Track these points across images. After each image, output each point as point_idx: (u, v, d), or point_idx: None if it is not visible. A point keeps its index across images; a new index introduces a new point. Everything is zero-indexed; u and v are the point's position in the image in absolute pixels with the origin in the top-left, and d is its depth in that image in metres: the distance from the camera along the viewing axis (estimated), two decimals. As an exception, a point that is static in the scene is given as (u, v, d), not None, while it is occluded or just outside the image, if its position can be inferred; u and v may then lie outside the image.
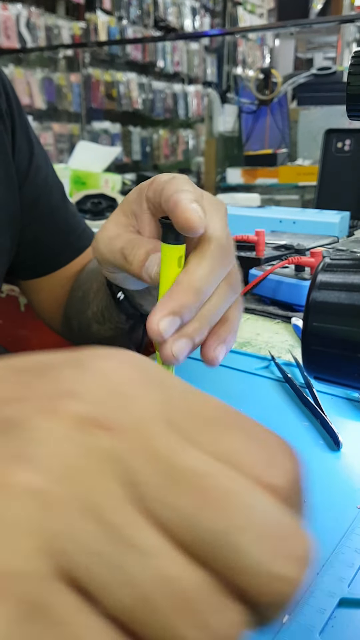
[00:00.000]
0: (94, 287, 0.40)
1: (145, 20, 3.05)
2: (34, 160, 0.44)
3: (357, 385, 0.20)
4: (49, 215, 0.45)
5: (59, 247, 0.46)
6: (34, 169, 0.43)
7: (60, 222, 0.45)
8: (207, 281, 0.23)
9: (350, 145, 0.81)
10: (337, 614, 0.19)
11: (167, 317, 0.22)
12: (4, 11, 2.23)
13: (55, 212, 0.45)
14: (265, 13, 4.24)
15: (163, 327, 0.22)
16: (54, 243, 0.45)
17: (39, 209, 0.44)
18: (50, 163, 0.46)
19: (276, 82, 1.63)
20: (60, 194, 0.46)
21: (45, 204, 0.44)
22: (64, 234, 0.46)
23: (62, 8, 2.60)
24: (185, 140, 3.35)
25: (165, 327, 0.22)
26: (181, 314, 0.22)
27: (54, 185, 0.46)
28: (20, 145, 0.42)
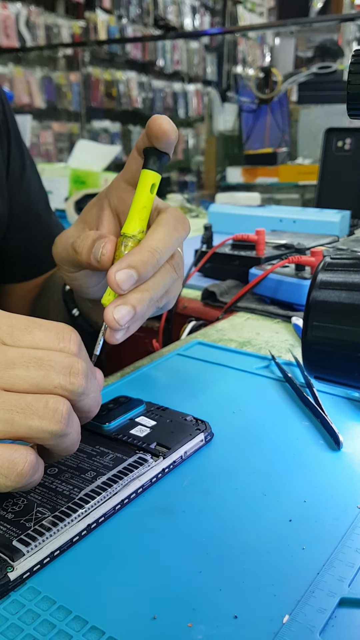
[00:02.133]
0: (54, 298, 0.42)
1: (145, 19, 3.05)
2: (26, 170, 0.45)
3: (357, 384, 0.20)
4: (36, 224, 0.46)
5: (43, 255, 0.46)
6: (26, 179, 0.45)
7: (46, 231, 0.46)
8: (163, 244, 0.26)
9: (350, 144, 0.80)
10: (337, 614, 0.19)
11: (125, 269, 0.25)
12: (3, 10, 2.23)
13: (42, 220, 0.46)
14: (265, 12, 4.23)
15: (120, 278, 0.24)
16: (39, 251, 0.46)
17: (28, 217, 0.45)
18: (37, 172, 0.48)
19: (276, 80, 1.63)
20: (46, 204, 0.48)
21: (34, 212, 0.45)
22: (49, 242, 0.47)
23: (62, 7, 2.60)
24: (185, 139, 3.34)
25: (122, 279, 0.24)
26: (137, 269, 0.25)
27: (40, 194, 0.47)
28: (15, 154, 0.44)
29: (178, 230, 0.27)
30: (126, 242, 0.26)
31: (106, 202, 0.30)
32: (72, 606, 0.19)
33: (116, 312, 0.25)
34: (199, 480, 0.26)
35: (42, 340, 0.21)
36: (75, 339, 0.22)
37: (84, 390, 0.21)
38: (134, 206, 0.27)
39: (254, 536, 0.22)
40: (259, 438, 0.29)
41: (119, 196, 0.30)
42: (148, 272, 0.25)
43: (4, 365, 0.20)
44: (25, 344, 0.21)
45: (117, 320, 0.25)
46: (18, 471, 0.19)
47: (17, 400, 0.20)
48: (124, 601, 0.19)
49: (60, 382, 0.20)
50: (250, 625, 0.18)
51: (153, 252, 0.25)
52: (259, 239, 0.57)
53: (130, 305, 0.25)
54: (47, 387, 0.20)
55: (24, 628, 0.18)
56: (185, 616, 0.19)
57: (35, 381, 0.20)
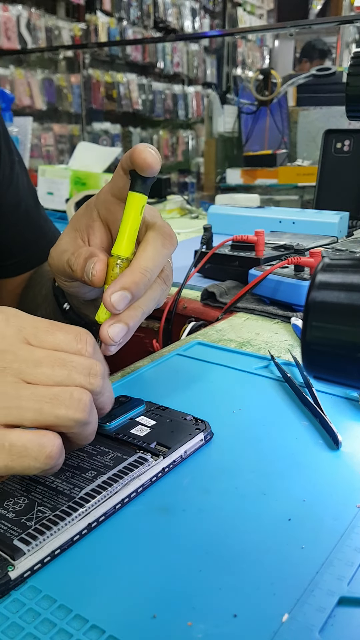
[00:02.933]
0: (42, 292, 0.43)
1: (145, 21, 3.06)
2: (15, 167, 0.45)
3: (357, 384, 0.20)
4: (26, 219, 0.46)
5: (32, 250, 0.47)
6: (15, 176, 0.45)
7: (35, 227, 0.47)
8: (152, 263, 0.28)
9: (349, 146, 0.81)
10: (336, 613, 0.19)
11: (119, 291, 0.27)
12: (4, 12, 2.23)
13: (31, 217, 0.47)
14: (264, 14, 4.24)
15: (115, 300, 0.27)
16: (29, 246, 0.47)
17: (19, 213, 0.46)
18: (26, 169, 0.48)
19: (276, 82, 1.63)
20: (34, 200, 0.48)
21: (24, 208, 0.46)
22: (38, 237, 0.48)
23: (63, 9, 2.61)
24: (185, 141, 3.35)
25: (116, 299, 0.27)
26: (130, 289, 0.27)
27: (29, 190, 0.48)
28: (4, 153, 0.44)
29: (166, 247, 0.28)
30: (119, 263, 0.28)
31: (95, 212, 0.32)
32: (72, 605, 0.19)
33: (111, 330, 0.27)
34: (198, 479, 0.26)
35: (62, 342, 0.23)
36: (91, 342, 0.24)
37: (101, 389, 0.23)
38: (124, 228, 0.28)
39: (254, 535, 0.22)
40: (258, 438, 0.30)
41: (107, 208, 0.31)
42: (140, 291, 0.27)
43: (32, 364, 0.22)
44: (48, 345, 0.23)
45: (112, 337, 0.27)
46: (47, 453, 0.21)
47: (45, 391, 0.22)
48: (124, 600, 0.20)
49: (82, 381, 0.22)
50: (249, 624, 0.19)
51: (144, 272, 0.27)
52: (258, 240, 0.57)
53: (124, 323, 0.27)
54: (69, 385, 0.22)
55: (24, 627, 0.18)
56: (185, 615, 0.19)
57: (59, 379, 0.22)
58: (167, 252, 0.28)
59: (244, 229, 0.63)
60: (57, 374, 0.22)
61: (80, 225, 0.32)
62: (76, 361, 0.23)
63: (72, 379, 0.22)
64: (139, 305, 0.28)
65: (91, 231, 0.31)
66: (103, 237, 0.31)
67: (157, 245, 0.28)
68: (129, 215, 0.28)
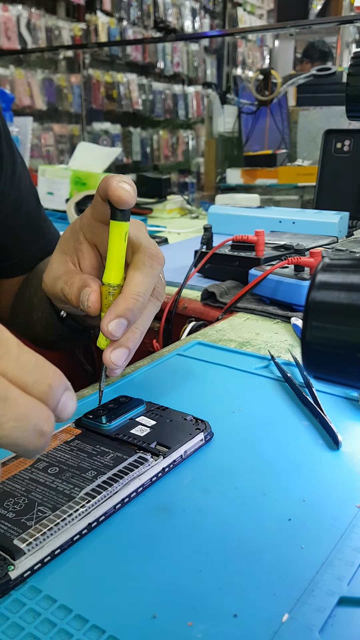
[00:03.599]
0: (38, 294, 0.43)
1: (145, 22, 3.06)
2: (17, 168, 0.45)
3: (357, 384, 0.20)
4: (27, 219, 0.46)
5: (32, 250, 0.47)
6: (17, 176, 0.45)
7: (35, 226, 0.47)
8: (143, 287, 0.29)
9: (349, 146, 0.81)
10: (336, 613, 0.19)
11: (114, 320, 0.28)
12: (4, 12, 2.23)
13: (31, 216, 0.47)
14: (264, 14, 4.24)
15: (112, 329, 0.28)
16: (29, 246, 0.47)
17: (20, 213, 0.46)
18: (27, 169, 0.48)
19: (276, 82, 1.63)
20: (36, 200, 0.49)
21: (25, 209, 0.46)
22: (38, 237, 0.48)
23: (63, 9, 2.61)
24: (185, 141, 3.35)
25: (114, 328, 0.28)
26: (126, 316, 0.28)
27: (31, 190, 0.48)
28: (5, 153, 0.44)
29: (154, 267, 0.29)
30: (111, 291, 0.30)
31: (81, 235, 0.33)
32: (72, 605, 0.19)
33: (113, 355, 0.28)
34: (198, 479, 0.26)
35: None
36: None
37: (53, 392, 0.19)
38: (111, 257, 0.29)
39: (254, 535, 0.22)
40: (258, 438, 0.30)
41: (92, 231, 0.33)
42: (135, 316, 0.29)
43: None
44: None
45: (115, 362, 0.28)
46: None
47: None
48: (125, 600, 0.20)
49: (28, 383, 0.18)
50: (249, 624, 0.19)
51: (137, 297, 0.28)
52: (258, 239, 0.57)
53: (124, 347, 0.29)
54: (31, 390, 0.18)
55: (24, 627, 0.18)
56: (185, 615, 0.19)
57: None
58: (155, 273, 0.29)
59: (244, 229, 0.63)
60: None
61: (68, 249, 0.33)
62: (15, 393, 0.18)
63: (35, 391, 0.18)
64: (136, 327, 0.29)
65: (80, 254, 0.33)
66: (92, 259, 0.33)
67: (146, 268, 0.29)
68: (113, 243, 0.29)
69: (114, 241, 0.29)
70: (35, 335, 0.45)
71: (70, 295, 0.31)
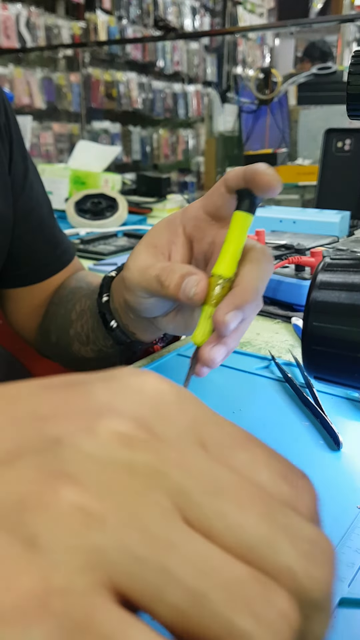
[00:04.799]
0: (76, 309, 0.41)
1: (145, 20, 3.05)
2: (29, 175, 0.45)
3: (357, 385, 0.20)
4: (39, 228, 0.46)
5: (46, 259, 0.46)
6: (29, 183, 0.45)
7: (49, 235, 0.47)
8: (261, 281, 0.27)
9: (350, 145, 0.80)
10: (337, 614, 0.19)
11: (232, 311, 0.25)
12: (3, 11, 2.23)
13: (45, 225, 0.46)
14: (265, 12, 4.23)
15: (229, 319, 0.25)
16: (42, 255, 0.46)
17: (31, 221, 0.45)
18: (40, 178, 0.48)
19: (276, 81, 1.63)
20: (49, 208, 0.48)
21: (37, 217, 0.46)
22: (52, 246, 0.47)
23: (62, 8, 2.60)
24: (185, 140, 3.35)
25: (230, 318, 0.25)
26: (244, 310, 0.26)
27: (44, 199, 0.47)
28: (17, 159, 0.44)
29: (268, 269, 0.28)
30: (222, 284, 0.27)
31: (180, 228, 0.30)
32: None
33: (213, 352, 0.26)
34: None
35: (266, 479, 0.11)
36: (314, 494, 0.12)
37: (324, 601, 0.10)
38: (228, 248, 0.27)
39: (254, 536, 0.22)
40: (258, 438, 0.29)
41: (197, 225, 0.30)
42: (250, 312, 0.27)
43: (213, 489, 0.10)
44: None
45: (214, 360, 0.26)
46: None
47: (239, 587, 0.09)
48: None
49: (293, 564, 0.10)
50: (250, 625, 0.18)
51: (256, 292, 0.26)
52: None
53: (227, 345, 0.27)
54: (270, 562, 0.10)
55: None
56: (185, 616, 0.19)
57: (254, 541, 0.10)
58: (269, 273, 0.28)
59: (244, 229, 0.63)
60: (260, 532, 0.10)
61: (160, 241, 0.31)
62: (293, 516, 0.10)
63: (276, 552, 0.10)
64: (242, 328, 0.27)
65: (174, 247, 0.30)
66: (185, 254, 0.30)
67: (262, 265, 0.27)
68: (234, 234, 0.27)
69: (235, 233, 0.27)
70: (71, 353, 0.42)
71: (169, 282, 0.28)
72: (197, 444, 0.11)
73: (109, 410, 0.11)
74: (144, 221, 1.00)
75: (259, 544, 0.10)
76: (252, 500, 0.10)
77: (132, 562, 0.09)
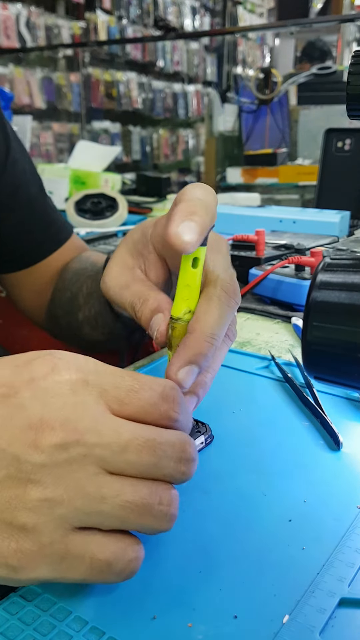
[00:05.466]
0: (83, 291, 0.40)
1: (145, 20, 3.05)
2: (11, 152, 0.44)
3: (357, 385, 0.20)
4: (28, 206, 0.45)
5: (39, 238, 0.45)
6: (11, 161, 0.44)
7: (39, 214, 0.45)
8: (218, 327, 0.24)
9: (350, 145, 0.80)
10: (337, 614, 0.19)
11: (185, 366, 0.23)
12: (3, 11, 2.23)
13: (34, 203, 0.45)
14: (265, 12, 4.23)
15: (182, 377, 0.23)
16: (34, 234, 0.45)
17: (18, 200, 0.44)
18: (30, 159, 0.47)
19: (276, 81, 1.63)
20: (39, 187, 0.46)
21: (24, 195, 0.44)
22: (44, 225, 0.46)
23: (62, 8, 2.60)
24: (185, 140, 3.35)
25: (183, 377, 0.23)
26: (197, 363, 0.23)
27: (32, 178, 0.46)
28: None
29: (231, 307, 0.25)
30: (172, 325, 0.24)
31: (151, 246, 0.29)
32: (72, 606, 0.19)
33: None
34: (198, 480, 0.26)
35: (147, 403, 0.19)
36: (178, 399, 0.20)
37: (189, 478, 0.20)
38: (181, 286, 0.24)
39: (254, 536, 0.22)
40: (259, 438, 0.29)
41: (164, 246, 0.28)
42: (208, 361, 0.24)
43: (118, 449, 0.18)
44: (132, 410, 0.19)
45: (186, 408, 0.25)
46: (131, 569, 0.18)
47: (132, 496, 0.18)
48: (124, 601, 0.19)
49: (170, 471, 0.19)
50: (250, 625, 0.18)
51: (210, 340, 0.23)
52: (258, 239, 0.57)
53: (193, 394, 0.25)
54: (156, 475, 0.19)
55: (24, 628, 0.18)
56: (185, 616, 0.19)
57: (145, 469, 0.18)
58: (231, 311, 0.25)
59: (244, 229, 0.63)
60: (144, 462, 0.18)
61: (135, 252, 0.29)
62: (166, 441, 0.19)
63: (160, 468, 0.18)
64: (208, 371, 0.25)
65: (148, 263, 0.29)
66: (160, 272, 0.29)
67: (222, 305, 0.24)
68: (185, 271, 0.24)
69: (185, 270, 0.24)
70: (82, 337, 0.41)
71: (140, 315, 0.26)
72: (105, 412, 0.19)
73: (42, 425, 0.18)
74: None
75: (153, 469, 0.19)
76: (142, 445, 0.18)
77: (83, 515, 0.18)
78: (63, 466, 0.17)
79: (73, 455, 0.17)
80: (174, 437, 0.19)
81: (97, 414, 0.18)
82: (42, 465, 0.17)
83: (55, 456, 0.17)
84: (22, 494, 0.17)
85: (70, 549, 0.18)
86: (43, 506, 0.17)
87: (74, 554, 0.18)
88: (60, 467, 0.17)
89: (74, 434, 0.18)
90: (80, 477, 0.17)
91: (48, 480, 0.17)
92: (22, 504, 0.17)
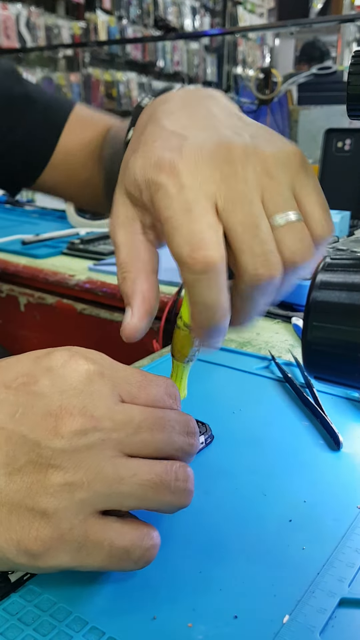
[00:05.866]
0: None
1: (145, 20, 3.05)
2: None
3: (357, 385, 0.20)
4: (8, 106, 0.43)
5: (42, 137, 0.44)
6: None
7: (31, 111, 0.44)
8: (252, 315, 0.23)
9: (350, 145, 0.80)
10: (337, 614, 0.19)
11: None
12: (4, 11, 2.23)
13: (5, 97, 0.43)
14: (265, 12, 4.23)
15: None
16: (34, 132, 0.44)
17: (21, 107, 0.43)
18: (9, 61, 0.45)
19: (276, 81, 1.63)
20: (16, 80, 0.44)
21: (4, 96, 0.43)
22: (41, 118, 0.44)
23: (62, 8, 2.60)
24: (185, 140, 3.33)
25: None
26: None
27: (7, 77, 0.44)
28: None
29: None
30: (181, 330, 0.24)
31: None
32: (72, 607, 0.19)
33: None
34: (198, 480, 0.26)
35: (155, 397, 0.20)
36: (178, 395, 0.21)
37: (197, 450, 0.21)
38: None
39: (254, 536, 0.22)
40: (259, 438, 0.29)
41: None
42: None
43: (132, 430, 0.19)
44: (141, 402, 0.20)
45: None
46: (148, 558, 0.19)
47: (149, 474, 0.19)
48: (124, 601, 0.19)
49: (181, 444, 0.20)
50: (250, 625, 0.18)
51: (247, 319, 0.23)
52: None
53: None
54: (169, 451, 0.20)
55: (24, 629, 0.18)
56: (186, 616, 0.19)
57: (160, 445, 0.19)
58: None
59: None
60: (158, 439, 0.19)
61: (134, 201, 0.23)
62: (173, 419, 0.20)
63: (172, 443, 0.20)
64: None
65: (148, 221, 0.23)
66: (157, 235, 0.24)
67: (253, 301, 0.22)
68: None
69: None
70: None
71: (122, 287, 0.22)
72: (118, 401, 0.19)
73: (62, 412, 0.18)
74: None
75: (165, 445, 0.20)
76: (153, 424, 0.19)
77: (103, 497, 0.18)
78: (82, 451, 0.18)
79: (92, 440, 0.18)
80: (177, 415, 0.20)
81: (111, 403, 0.19)
82: (62, 451, 0.18)
83: (75, 441, 0.18)
84: (43, 479, 0.18)
85: (90, 535, 0.18)
86: (64, 490, 0.18)
87: (93, 540, 0.18)
88: (80, 452, 0.18)
89: (92, 421, 0.18)
90: (99, 460, 0.18)
91: (68, 465, 0.18)
92: (44, 489, 0.18)
